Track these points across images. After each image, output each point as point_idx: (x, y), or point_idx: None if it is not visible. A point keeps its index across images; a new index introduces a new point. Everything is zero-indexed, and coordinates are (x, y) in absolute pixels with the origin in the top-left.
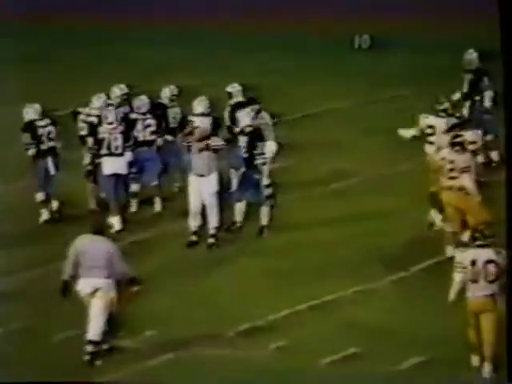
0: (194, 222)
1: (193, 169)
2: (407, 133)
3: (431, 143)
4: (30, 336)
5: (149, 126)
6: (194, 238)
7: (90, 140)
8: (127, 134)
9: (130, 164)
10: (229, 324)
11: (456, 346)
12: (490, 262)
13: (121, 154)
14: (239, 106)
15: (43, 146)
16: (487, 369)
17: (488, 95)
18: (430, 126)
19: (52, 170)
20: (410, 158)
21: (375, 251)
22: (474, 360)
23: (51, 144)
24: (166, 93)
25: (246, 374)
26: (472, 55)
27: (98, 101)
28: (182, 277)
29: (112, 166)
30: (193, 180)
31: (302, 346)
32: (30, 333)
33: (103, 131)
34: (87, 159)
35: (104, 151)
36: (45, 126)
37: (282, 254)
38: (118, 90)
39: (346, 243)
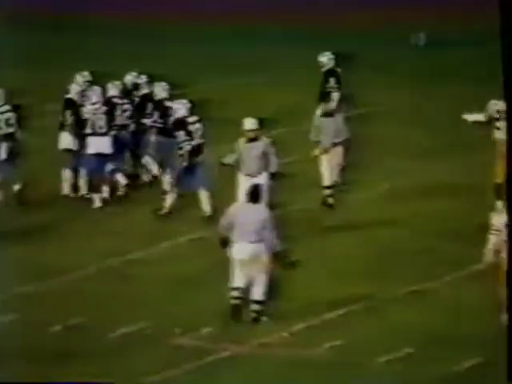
0: None
1: (243, 168)
2: (473, 117)
3: (499, 129)
4: (89, 332)
5: (126, 110)
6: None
7: (73, 120)
8: (111, 115)
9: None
10: (284, 323)
11: None
12: None
13: (104, 134)
14: (145, 98)
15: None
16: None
17: (334, 97)
18: (499, 111)
19: (2, 155)
20: (470, 154)
21: (431, 252)
22: (503, 318)
23: (9, 130)
24: (131, 79)
25: (301, 373)
26: (324, 57)
27: (81, 79)
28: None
29: (96, 145)
30: (242, 180)
31: (356, 345)
32: (86, 329)
33: (87, 111)
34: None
35: (88, 131)
36: (3, 112)
37: (338, 254)
38: (80, 78)
39: (403, 243)
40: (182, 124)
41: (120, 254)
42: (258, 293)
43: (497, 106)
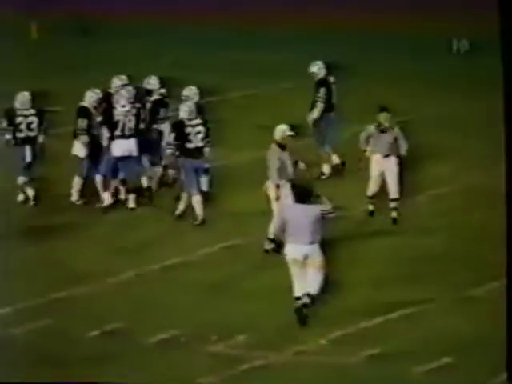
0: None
1: (284, 174)
2: None
3: None
4: (125, 338)
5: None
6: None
7: (103, 121)
8: (139, 117)
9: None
10: (320, 331)
11: None
12: None
13: (131, 136)
14: (159, 102)
15: (20, 134)
16: None
17: (318, 106)
18: None
19: (28, 158)
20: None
21: (473, 258)
22: None
23: (31, 134)
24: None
25: (338, 382)
26: (315, 66)
27: (119, 82)
28: (265, 282)
29: (122, 147)
30: (284, 185)
31: (395, 354)
32: (124, 335)
33: (118, 114)
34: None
35: (118, 133)
36: (27, 116)
37: (378, 260)
38: (118, 81)
39: (444, 250)
40: (179, 126)
41: (156, 260)
42: (312, 286)
43: None
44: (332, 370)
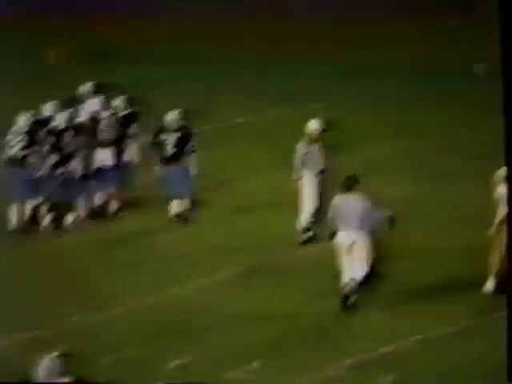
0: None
1: (311, 167)
2: None
3: None
4: (142, 364)
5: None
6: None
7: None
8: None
9: None
10: (337, 358)
11: None
12: None
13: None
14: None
15: None
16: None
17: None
18: None
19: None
20: None
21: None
22: (489, 284)
23: None
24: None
25: None
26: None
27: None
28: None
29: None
30: (309, 176)
31: (412, 381)
32: (142, 361)
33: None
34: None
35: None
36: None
37: (394, 284)
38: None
39: (454, 274)
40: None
41: (174, 285)
42: (357, 271)
43: None
44: None
